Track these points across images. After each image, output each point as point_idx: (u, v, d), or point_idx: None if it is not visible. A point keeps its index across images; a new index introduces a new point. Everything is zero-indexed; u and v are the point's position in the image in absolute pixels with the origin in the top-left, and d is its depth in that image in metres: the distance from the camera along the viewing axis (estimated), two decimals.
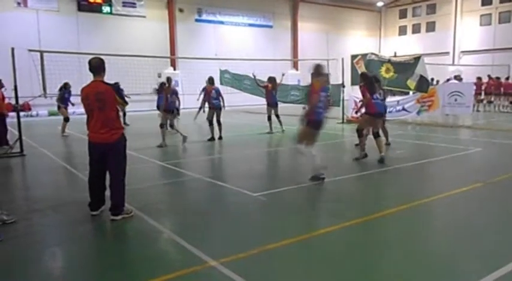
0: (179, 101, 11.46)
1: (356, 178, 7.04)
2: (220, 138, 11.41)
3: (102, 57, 5.04)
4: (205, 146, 10.66)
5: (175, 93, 10.83)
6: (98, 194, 4.99)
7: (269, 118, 12.69)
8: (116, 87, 4.93)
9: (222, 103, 11.56)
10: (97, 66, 4.87)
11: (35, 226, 4.81)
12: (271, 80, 12.88)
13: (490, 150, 9.63)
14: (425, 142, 10.63)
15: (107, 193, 4.99)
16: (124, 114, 15.14)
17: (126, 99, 5.21)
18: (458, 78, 19.53)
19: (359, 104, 15.51)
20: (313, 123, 6.43)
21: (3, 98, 10.31)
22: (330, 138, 11.96)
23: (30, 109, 20.25)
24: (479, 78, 20.80)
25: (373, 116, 8.24)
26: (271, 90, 12.69)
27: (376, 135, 8.19)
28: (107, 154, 4.84)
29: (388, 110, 14.05)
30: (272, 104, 12.69)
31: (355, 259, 3.79)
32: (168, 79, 10.98)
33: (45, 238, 4.48)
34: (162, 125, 10.50)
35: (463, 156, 8.85)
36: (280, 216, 5.05)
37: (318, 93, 6.38)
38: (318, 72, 6.55)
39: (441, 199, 5.63)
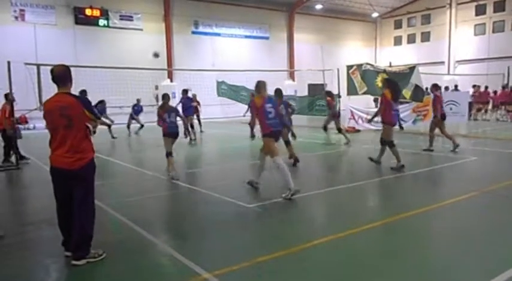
0: (183, 119, 8.92)
1: (351, 188, 7.03)
2: (295, 162, 9.11)
3: (99, 69, 4.72)
4: (205, 157, 10.65)
5: (175, 111, 8.39)
6: (69, 231, 4.05)
7: (325, 128, 13.07)
8: (85, 99, 4.12)
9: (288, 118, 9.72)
10: (63, 75, 4.01)
11: (28, 240, 4.77)
12: (331, 94, 13.76)
13: (485, 159, 9.65)
14: (421, 151, 10.62)
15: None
16: (109, 127, 14.55)
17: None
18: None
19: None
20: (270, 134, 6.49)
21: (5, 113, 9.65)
22: (326, 149, 11.99)
23: (26, 122, 20.25)
24: (486, 88, 21.01)
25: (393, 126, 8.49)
26: (332, 102, 13.34)
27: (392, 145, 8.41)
28: (71, 182, 3.97)
29: None
30: (336, 115, 13.19)
31: (351, 271, 3.77)
32: (165, 96, 8.50)
33: (37, 252, 4.44)
34: (168, 154, 8.08)
35: (458, 165, 8.87)
36: (274, 227, 5.04)
37: (263, 107, 6.46)
38: (259, 89, 6.64)
39: (437, 208, 5.63)
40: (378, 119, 9.01)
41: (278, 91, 10.18)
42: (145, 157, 10.81)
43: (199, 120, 16.58)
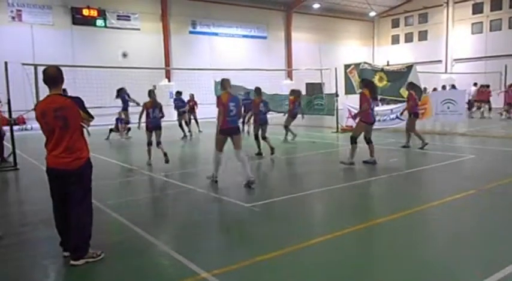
0: (163, 115, 9.67)
1: (349, 187, 7.04)
2: (272, 153, 10.09)
3: (97, 70, 4.71)
4: (201, 157, 10.62)
5: (160, 107, 9.52)
6: (67, 231, 4.05)
7: (286, 127, 13.20)
8: (78, 100, 4.05)
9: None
10: (55, 76, 3.99)
11: (26, 240, 4.76)
12: (296, 93, 13.90)
13: (483, 157, 9.66)
14: (419, 149, 10.63)
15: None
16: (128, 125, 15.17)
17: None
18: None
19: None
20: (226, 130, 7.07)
21: None
22: (323, 148, 12.00)
23: (24, 123, 20.22)
24: (487, 86, 20.98)
25: (371, 124, 8.91)
26: (294, 102, 13.44)
27: (369, 141, 8.81)
28: (68, 183, 3.97)
29: (382, 118, 14.20)
30: (293, 115, 13.37)
31: (349, 270, 3.78)
32: (150, 93, 9.60)
33: (35, 252, 4.42)
34: (148, 144, 9.48)
35: (456, 163, 8.89)
36: (272, 227, 5.03)
37: (227, 104, 6.94)
38: (224, 86, 7.25)
39: (435, 206, 5.64)
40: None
41: (257, 89, 10.72)
42: (141, 157, 10.74)
43: (196, 120, 16.56)
